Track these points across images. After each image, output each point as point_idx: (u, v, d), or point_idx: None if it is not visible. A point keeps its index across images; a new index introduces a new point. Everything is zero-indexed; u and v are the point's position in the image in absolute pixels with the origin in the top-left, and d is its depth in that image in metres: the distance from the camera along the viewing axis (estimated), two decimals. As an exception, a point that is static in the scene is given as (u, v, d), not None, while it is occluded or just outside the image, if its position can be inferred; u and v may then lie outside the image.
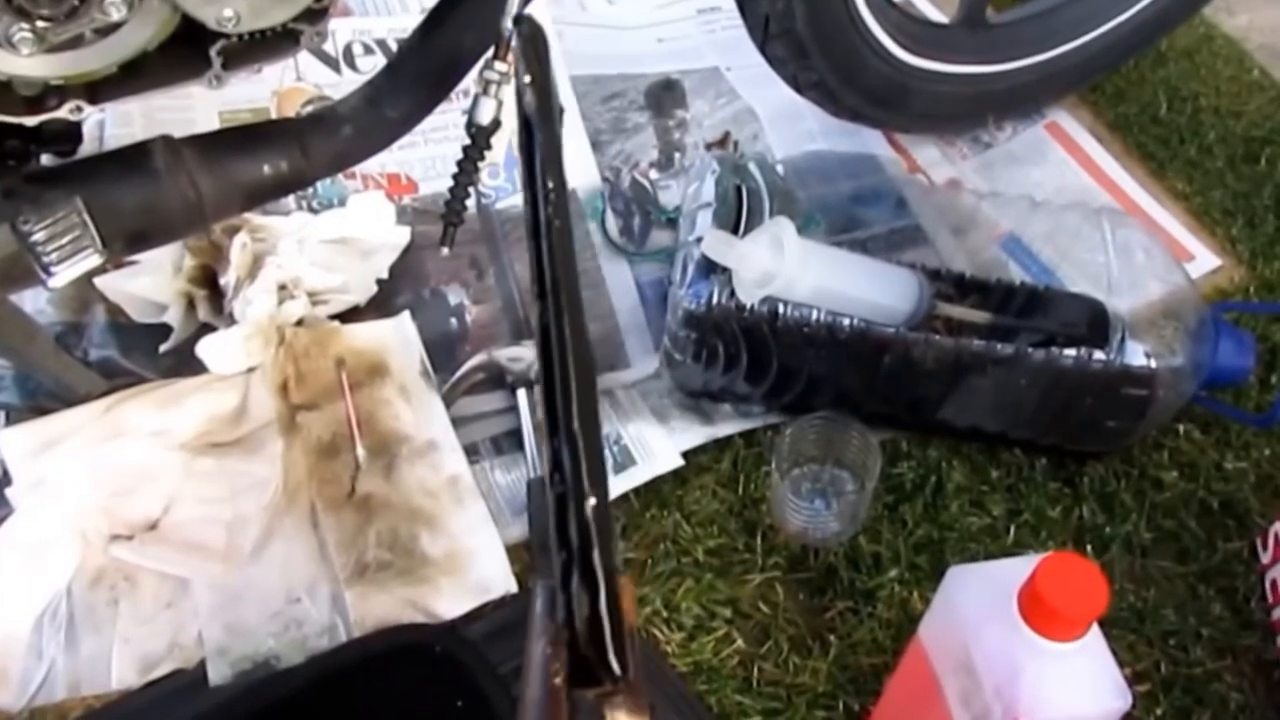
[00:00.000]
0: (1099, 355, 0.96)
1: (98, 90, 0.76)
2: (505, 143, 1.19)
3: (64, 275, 0.67)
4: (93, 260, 0.68)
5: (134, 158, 0.79)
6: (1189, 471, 1.06)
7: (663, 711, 0.91)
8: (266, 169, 0.81)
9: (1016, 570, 0.69)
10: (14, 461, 0.92)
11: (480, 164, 0.80)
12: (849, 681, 0.93)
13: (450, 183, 0.81)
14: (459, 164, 0.79)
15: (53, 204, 0.68)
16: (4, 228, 0.71)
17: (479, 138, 0.78)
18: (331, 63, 1.19)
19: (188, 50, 0.77)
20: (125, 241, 0.78)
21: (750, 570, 0.97)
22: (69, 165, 0.79)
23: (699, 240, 0.97)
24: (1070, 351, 0.96)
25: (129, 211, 0.77)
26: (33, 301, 1.03)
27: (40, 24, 0.66)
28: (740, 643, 0.94)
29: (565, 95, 1.23)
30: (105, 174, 0.78)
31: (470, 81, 0.86)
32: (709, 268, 0.96)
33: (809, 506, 0.96)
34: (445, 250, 0.80)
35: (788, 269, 0.91)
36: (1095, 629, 0.68)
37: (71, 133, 0.81)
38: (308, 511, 0.97)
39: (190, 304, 1.04)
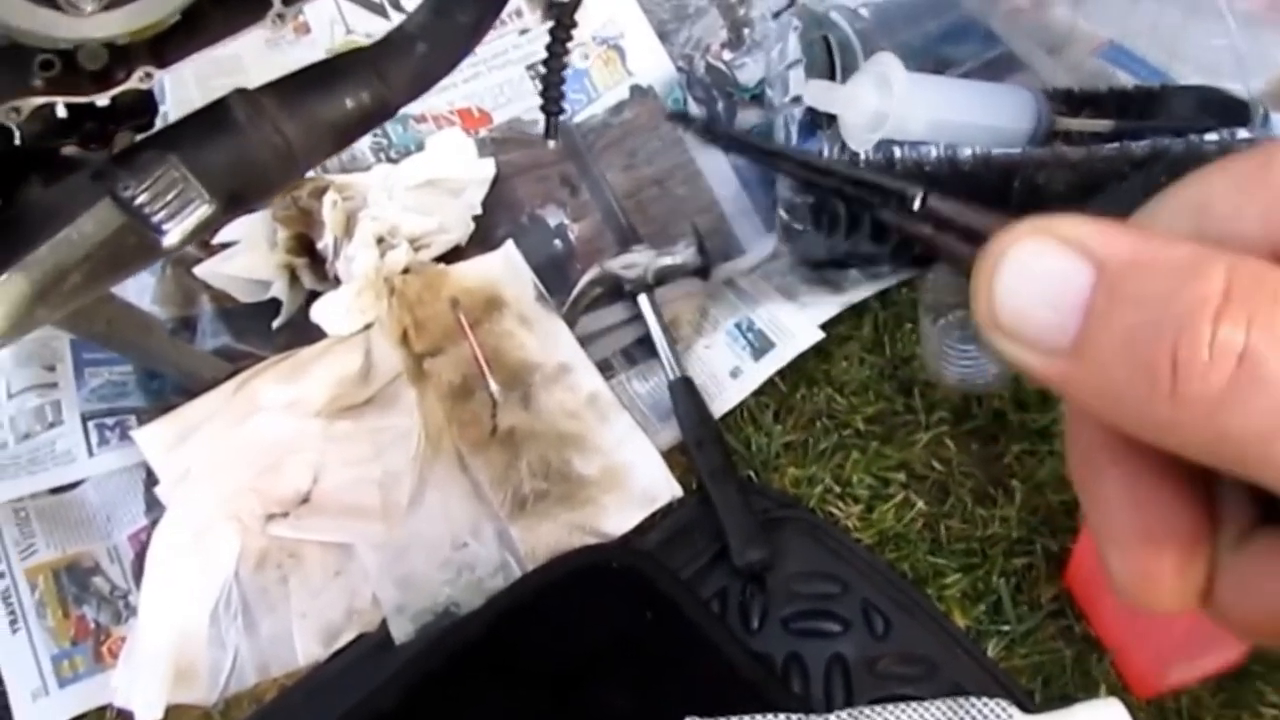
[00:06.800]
0: (1243, 134, 0.85)
1: (163, 51, 0.69)
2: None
3: (177, 231, 0.60)
4: (203, 210, 0.61)
5: (214, 115, 0.71)
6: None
7: (856, 585, 0.84)
8: (349, 102, 0.73)
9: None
10: (155, 458, 0.86)
11: (569, 44, 0.71)
12: (1041, 524, 0.84)
13: (544, 69, 0.72)
14: (548, 48, 0.70)
15: (147, 165, 0.61)
16: (100, 207, 0.64)
17: (563, 15, 0.70)
18: (378, 9, 1.11)
19: (245, -8, 0.69)
20: (223, 203, 0.70)
21: (915, 430, 0.89)
22: (149, 137, 0.72)
23: (795, 100, 0.88)
24: (1212, 136, 0.85)
25: (220, 171, 0.69)
26: (138, 302, 0.96)
27: (96, -26, 0.59)
28: (921, 504, 0.86)
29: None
30: (188, 137, 0.70)
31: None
32: (813, 125, 0.87)
33: (966, 352, 0.87)
34: (551, 143, 0.71)
35: (898, 106, 0.81)
36: None
37: (145, 104, 0.74)
38: (454, 456, 0.90)
39: (293, 275, 0.97)
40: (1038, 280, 0.17)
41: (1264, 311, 0.15)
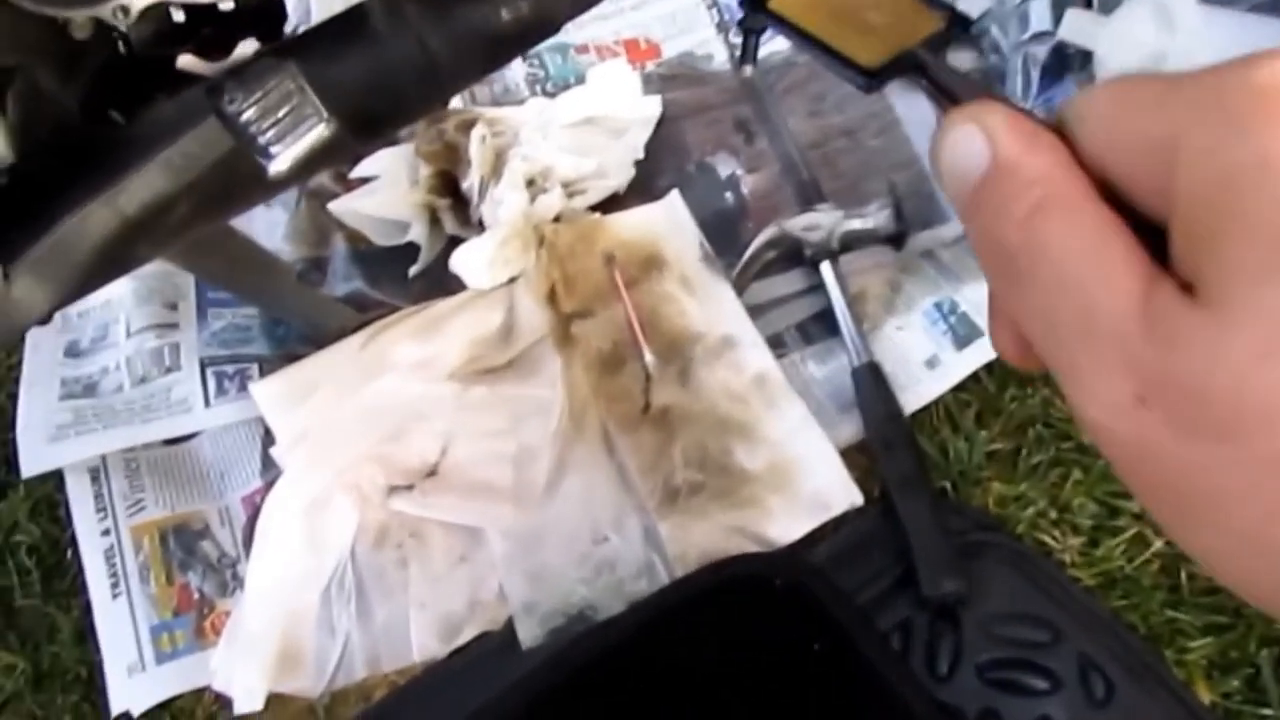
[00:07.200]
0: None
1: (293, -55, 0.58)
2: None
3: (287, 154, 0.49)
4: (319, 130, 0.50)
5: (347, 23, 0.60)
6: None
7: (1072, 635, 0.69)
8: (505, 13, 0.61)
9: None
10: (273, 416, 0.77)
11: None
12: (1313, 577, 0.67)
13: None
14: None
15: (260, 74, 0.50)
16: (206, 126, 0.54)
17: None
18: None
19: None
20: (348, 124, 0.59)
21: (1155, 448, 0.73)
22: (274, 46, 0.61)
23: (1038, 37, 0.72)
24: None
25: (348, 87, 0.58)
26: (268, 239, 0.88)
27: None
28: (1158, 544, 0.70)
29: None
30: (317, 49, 0.59)
31: None
32: (1060, 68, 0.71)
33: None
34: (748, 70, 0.58)
35: (1183, 44, 0.65)
36: None
37: (273, 9, 0.63)
38: (599, 435, 0.78)
39: (434, 218, 0.87)
40: (962, 150, 0.22)
41: (1041, 228, 0.21)
